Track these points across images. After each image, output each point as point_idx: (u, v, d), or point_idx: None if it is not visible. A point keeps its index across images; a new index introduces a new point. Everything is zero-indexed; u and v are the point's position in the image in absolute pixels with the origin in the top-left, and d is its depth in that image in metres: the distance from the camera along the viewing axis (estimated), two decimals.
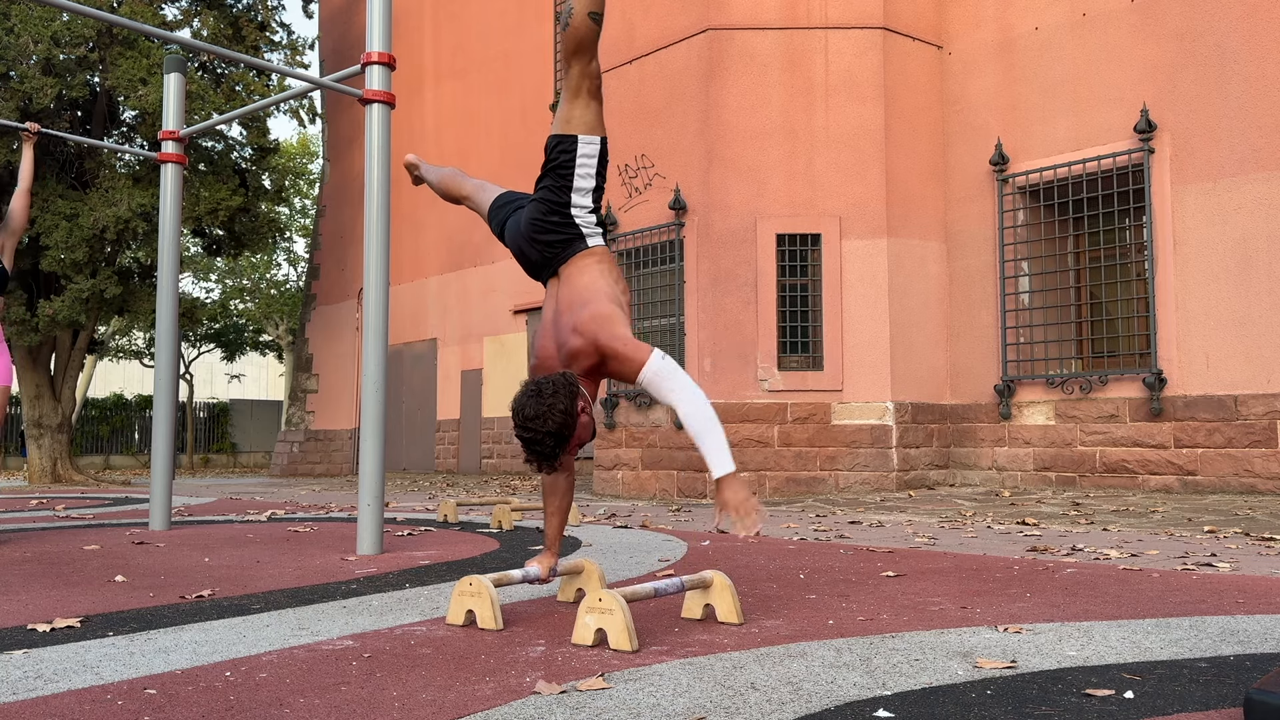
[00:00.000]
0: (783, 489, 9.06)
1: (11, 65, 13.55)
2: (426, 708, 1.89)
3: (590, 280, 2.81)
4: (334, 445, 19.03)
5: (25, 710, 1.90)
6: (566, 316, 2.80)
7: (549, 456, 2.62)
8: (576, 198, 2.86)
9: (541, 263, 2.93)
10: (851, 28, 9.39)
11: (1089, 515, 6.28)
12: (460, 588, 2.78)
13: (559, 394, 2.59)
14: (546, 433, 2.57)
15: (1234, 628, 2.59)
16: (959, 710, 1.83)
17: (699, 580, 2.73)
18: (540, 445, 2.60)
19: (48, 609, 3.06)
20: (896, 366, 9.24)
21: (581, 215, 2.87)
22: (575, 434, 2.63)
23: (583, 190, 2.86)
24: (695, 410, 2.57)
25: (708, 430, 2.56)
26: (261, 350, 30.93)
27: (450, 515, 6.57)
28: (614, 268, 2.88)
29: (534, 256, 2.93)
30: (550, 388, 2.59)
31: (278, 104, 5.87)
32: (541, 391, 2.59)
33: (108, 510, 7.94)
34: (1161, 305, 8.40)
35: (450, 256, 16.80)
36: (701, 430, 2.56)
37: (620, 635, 2.37)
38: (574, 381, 2.64)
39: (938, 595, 3.18)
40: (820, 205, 9.26)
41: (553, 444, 2.60)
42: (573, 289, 2.82)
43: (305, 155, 30.41)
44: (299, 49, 16.89)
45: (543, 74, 15.06)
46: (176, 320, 6.07)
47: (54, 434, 15.34)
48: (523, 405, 2.60)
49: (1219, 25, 8.20)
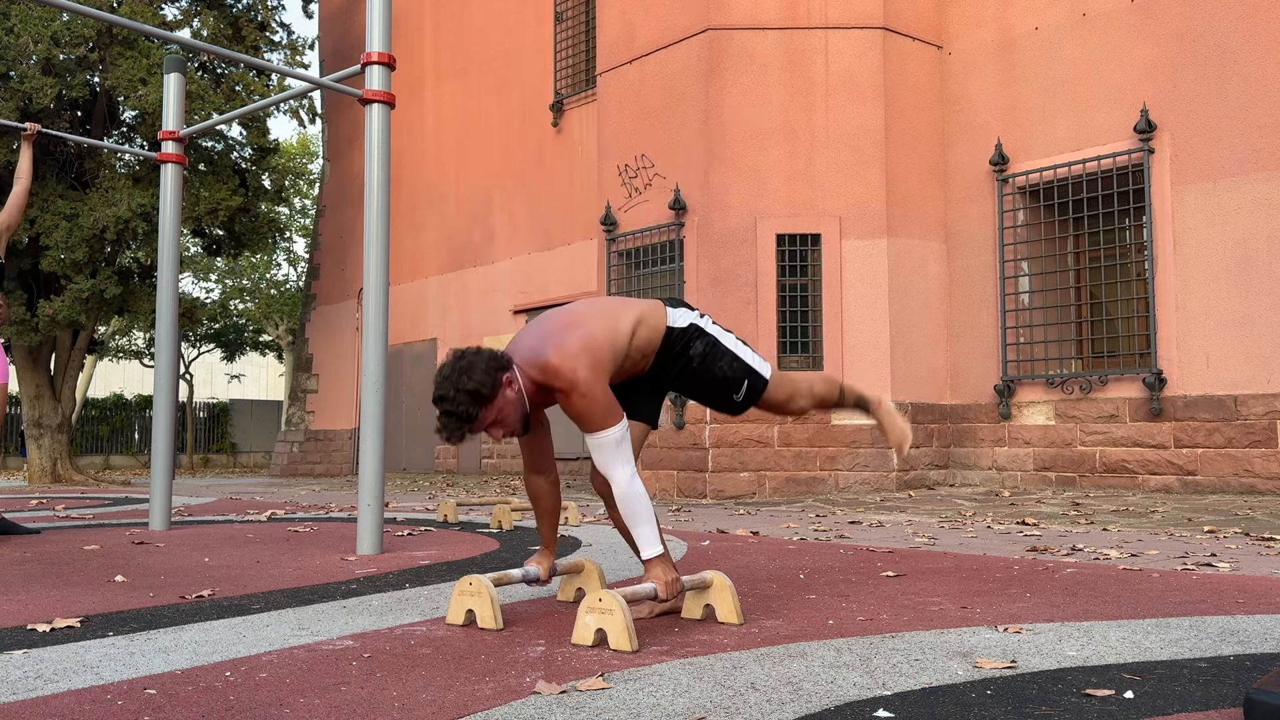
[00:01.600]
0: (783, 489, 9.06)
1: (11, 65, 13.56)
2: (426, 708, 1.89)
3: None
4: (334, 445, 19.03)
5: (25, 710, 1.90)
6: None
7: (461, 419, 2.57)
8: None
9: None
10: (851, 28, 9.39)
11: (1089, 515, 6.28)
12: (460, 587, 2.78)
13: (481, 356, 2.61)
14: (462, 390, 2.55)
15: (1234, 628, 2.59)
16: (959, 710, 1.83)
17: (699, 581, 2.73)
18: (451, 404, 2.56)
19: (48, 609, 3.06)
20: (896, 366, 9.24)
21: None
22: (495, 403, 2.60)
23: None
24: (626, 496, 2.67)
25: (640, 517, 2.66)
26: (261, 350, 30.93)
27: (450, 515, 6.57)
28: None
29: None
30: (474, 352, 2.63)
31: (278, 104, 5.88)
32: (464, 354, 2.62)
33: (108, 510, 7.94)
34: (1161, 305, 8.40)
35: (450, 256, 16.80)
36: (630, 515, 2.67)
37: (620, 635, 2.37)
38: (503, 355, 2.67)
39: (938, 595, 3.18)
40: (820, 205, 9.26)
41: (466, 404, 2.56)
42: None
43: (305, 155, 30.41)
44: (299, 49, 16.89)
45: (543, 74, 15.06)
46: (176, 320, 6.07)
47: (54, 434, 15.34)
48: (442, 365, 2.63)
49: (1219, 25, 8.20)
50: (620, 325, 2.78)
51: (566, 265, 14.50)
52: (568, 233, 14.53)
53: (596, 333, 2.72)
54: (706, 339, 2.93)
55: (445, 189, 16.93)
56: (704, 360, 2.91)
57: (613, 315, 2.80)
